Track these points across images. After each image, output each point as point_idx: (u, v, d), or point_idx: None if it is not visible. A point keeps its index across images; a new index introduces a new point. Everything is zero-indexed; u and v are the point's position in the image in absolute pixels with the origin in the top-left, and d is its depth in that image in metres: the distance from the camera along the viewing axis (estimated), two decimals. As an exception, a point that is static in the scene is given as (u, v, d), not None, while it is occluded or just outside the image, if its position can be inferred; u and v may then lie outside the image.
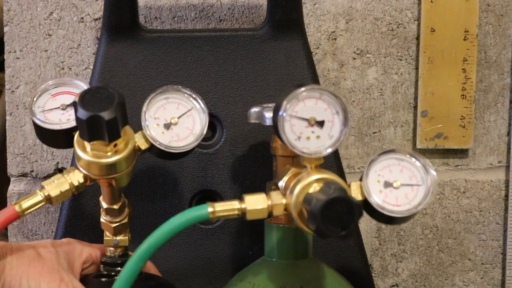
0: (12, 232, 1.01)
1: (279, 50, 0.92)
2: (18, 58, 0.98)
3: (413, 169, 0.74)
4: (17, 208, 0.73)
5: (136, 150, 0.77)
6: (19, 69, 0.99)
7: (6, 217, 0.73)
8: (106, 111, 0.71)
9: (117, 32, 0.91)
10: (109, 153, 0.74)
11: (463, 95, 1.00)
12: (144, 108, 0.77)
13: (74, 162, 0.77)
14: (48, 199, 0.75)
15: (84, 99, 0.72)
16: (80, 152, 0.74)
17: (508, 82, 1.02)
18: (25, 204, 0.74)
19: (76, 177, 0.75)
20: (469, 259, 1.04)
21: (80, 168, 0.75)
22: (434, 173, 0.74)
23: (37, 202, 0.74)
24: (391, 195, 0.73)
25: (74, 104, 0.72)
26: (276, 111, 0.72)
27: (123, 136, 0.74)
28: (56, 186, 0.75)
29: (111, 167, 0.74)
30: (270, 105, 0.81)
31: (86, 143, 0.74)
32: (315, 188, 0.70)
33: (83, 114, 0.71)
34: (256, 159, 0.92)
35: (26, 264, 0.74)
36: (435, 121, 1.00)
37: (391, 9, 1.00)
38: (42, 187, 0.75)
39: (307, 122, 0.71)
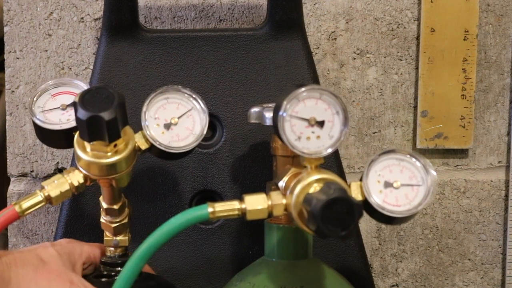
0: (12, 232, 1.01)
1: (279, 50, 0.92)
2: (18, 58, 0.98)
3: (413, 169, 0.74)
4: (17, 208, 0.73)
5: (136, 150, 0.77)
6: (19, 69, 0.99)
7: (6, 217, 0.73)
8: (106, 111, 0.71)
9: (117, 32, 0.91)
10: (109, 153, 0.74)
11: (463, 95, 1.00)
12: (144, 108, 0.77)
13: (74, 162, 0.77)
14: (48, 199, 0.75)
15: (84, 99, 0.71)
16: (80, 152, 0.74)
17: (508, 82, 1.02)
18: (25, 204, 0.74)
19: (76, 177, 0.75)
20: (469, 259, 1.04)
21: (80, 168, 0.75)
22: (434, 173, 0.74)
23: (37, 202, 0.74)
24: (391, 195, 0.73)
25: (74, 104, 0.72)
26: (276, 111, 0.72)
27: (123, 136, 0.74)
28: (56, 186, 0.75)
29: (111, 167, 0.74)
30: (270, 105, 0.81)
31: (86, 143, 0.74)
32: (315, 188, 0.70)
33: (83, 114, 0.71)
34: (256, 159, 0.92)
35: (32, 272, 0.73)
36: (435, 121, 1.00)
37: (391, 9, 1.00)
38: (42, 187, 0.75)
39: (307, 122, 0.71)
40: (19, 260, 0.74)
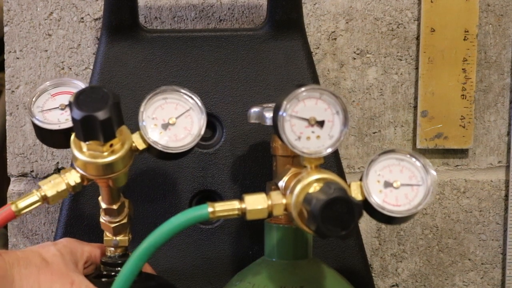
0: (12, 232, 1.01)
1: (279, 50, 0.92)
2: (18, 58, 0.98)
3: (413, 169, 0.74)
4: (13, 207, 0.74)
5: (134, 150, 0.76)
6: (19, 69, 0.99)
7: (3, 217, 0.73)
8: (101, 111, 0.71)
9: (117, 32, 0.91)
10: (105, 153, 0.74)
11: (463, 95, 1.00)
12: (141, 108, 0.77)
13: (74, 162, 0.77)
14: (45, 199, 0.75)
15: (79, 99, 0.71)
16: (76, 153, 0.74)
17: (508, 82, 1.02)
18: (21, 203, 0.74)
19: (72, 177, 0.75)
20: (469, 259, 1.04)
21: (77, 168, 0.75)
22: (434, 173, 0.74)
23: (34, 202, 0.74)
24: (391, 195, 0.73)
25: (69, 104, 0.72)
26: (276, 111, 0.72)
27: (118, 136, 0.74)
28: (53, 186, 0.75)
29: (108, 167, 0.74)
30: (270, 105, 0.81)
31: (82, 143, 0.74)
32: (315, 188, 0.70)
33: (77, 114, 0.71)
34: (256, 159, 0.92)
35: (35, 272, 0.74)
36: (435, 121, 1.00)
37: (391, 9, 1.00)
38: (39, 187, 0.75)
39: (307, 122, 0.71)
40: (22, 260, 0.74)
